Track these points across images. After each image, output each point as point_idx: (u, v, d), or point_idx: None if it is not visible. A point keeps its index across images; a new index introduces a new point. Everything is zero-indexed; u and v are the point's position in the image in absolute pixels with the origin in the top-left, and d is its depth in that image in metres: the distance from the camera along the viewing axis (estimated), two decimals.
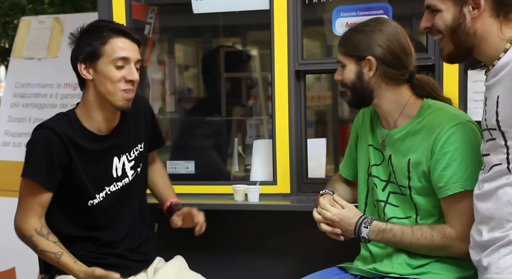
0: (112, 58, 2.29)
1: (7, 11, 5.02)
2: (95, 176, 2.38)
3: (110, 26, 2.35)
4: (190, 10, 3.03)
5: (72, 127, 2.34)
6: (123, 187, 2.45)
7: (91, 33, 2.32)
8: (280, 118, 2.88)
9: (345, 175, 2.51)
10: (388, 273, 2.20)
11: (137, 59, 2.34)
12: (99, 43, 2.29)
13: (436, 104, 2.21)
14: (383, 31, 2.16)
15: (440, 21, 1.93)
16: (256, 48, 5.58)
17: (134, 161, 2.49)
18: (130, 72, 2.31)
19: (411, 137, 2.19)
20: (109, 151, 2.41)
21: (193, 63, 5.60)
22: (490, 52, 1.90)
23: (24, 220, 2.34)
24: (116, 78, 2.29)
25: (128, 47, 2.32)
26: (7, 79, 4.37)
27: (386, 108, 2.22)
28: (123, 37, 2.32)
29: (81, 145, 2.33)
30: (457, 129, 2.09)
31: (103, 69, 2.30)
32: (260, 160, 3.06)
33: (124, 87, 2.31)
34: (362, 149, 2.37)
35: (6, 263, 4.13)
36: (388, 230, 2.17)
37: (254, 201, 2.80)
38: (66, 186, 2.34)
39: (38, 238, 2.31)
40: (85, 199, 2.37)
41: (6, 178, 4.19)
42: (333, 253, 2.49)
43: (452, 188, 2.07)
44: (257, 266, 2.93)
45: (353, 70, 2.19)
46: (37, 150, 2.30)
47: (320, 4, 2.92)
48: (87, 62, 2.31)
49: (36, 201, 2.32)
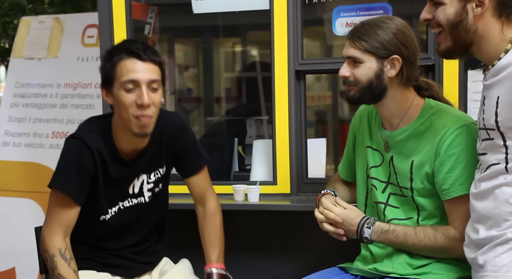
0: (121, 82, 2.16)
1: (7, 11, 5.02)
2: (113, 194, 2.32)
3: (119, 46, 2.22)
4: (190, 10, 3.03)
5: (104, 143, 2.25)
6: (138, 205, 2.38)
7: (106, 56, 2.23)
8: (280, 118, 2.88)
9: (343, 176, 2.51)
10: (388, 273, 2.20)
11: (149, 80, 2.16)
12: (110, 66, 2.19)
13: (438, 105, 2.19)
14: (404, 31, 2.12)
15: (441, 14, 1.91)
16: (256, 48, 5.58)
17: (153, 183, 2.39)
18: (140, 95, 2.15)
19: (414, 139, 2.17)
20: (131, 176, 2.34)
21: (193, 63, 5.60)
22: (490, 51, 1.89)
23: (50, 235, 2.23)
24: (127, 103, 2.16)
25: (137, 68, 2.15)
26: (7, 79, 4.38)
27: (392, 109, 2.19)
28: (133, 57, 2.16)
29: (108, 166, 2.26)
30: (462, 131, 2.08)
31: (116, 94, 2.19)
32: (260, 160, 3.06)
33: (136, 113, 2.16)
34: (360, 150, 2.36)
35: (6, 263, 4.14)
36: (391, 231, 2.16)
37: (254, 201, 2.80)
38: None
39: (60, 261, 2.21)
40: (98, 214, 2.32)
41: (6, 178, 4.19)
42: (333, 253, 2.49)
43: (458, 190, 2.06)
44: (257, 266, 2.93)
45: (373, 68, 2.11)
46: (70, 162, 2.23)
47: (320, 4, 2.92)
48: (106, 87, 2.23)
49: (64, 214, 2.24)
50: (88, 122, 2.34)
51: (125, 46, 2.21)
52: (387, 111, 2.20)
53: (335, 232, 2.24)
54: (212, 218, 2.48)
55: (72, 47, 4.12)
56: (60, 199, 2.23)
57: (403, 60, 2.10)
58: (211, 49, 4.99)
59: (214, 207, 2.49)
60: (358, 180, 2.37)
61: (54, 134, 4.13)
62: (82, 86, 4.11)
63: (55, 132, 4.13)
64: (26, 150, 4.17)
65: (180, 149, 2.42)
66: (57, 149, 4.08)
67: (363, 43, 2.10)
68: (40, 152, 4.13)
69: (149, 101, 2.15)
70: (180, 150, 2.42)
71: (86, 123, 2.33)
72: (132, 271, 2.43)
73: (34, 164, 4.14)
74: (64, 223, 2.24)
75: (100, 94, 3.29)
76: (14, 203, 4.12)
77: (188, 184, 2.49)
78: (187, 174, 2.47)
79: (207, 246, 2.45)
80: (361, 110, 2.40)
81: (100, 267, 2.38)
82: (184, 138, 2.42)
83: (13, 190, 4.16)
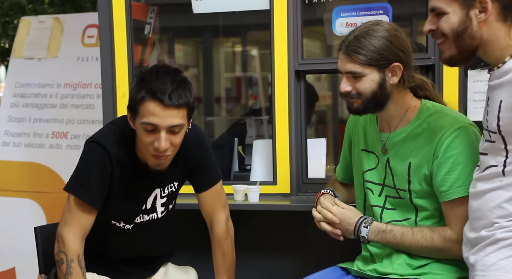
0: (141, 122, 2.10)
1: (7, 11, 5.02)
2: (124, 206, 2.28)
3: (148, 83, 2.09)
4: (190, 10, 3.03)
5: (124, 150, 2.21)
6: (149, 221, 2.35)
7: (137, 84, 2.13)
8: (280, 118, 2.88)
9: (340, 178, 2.51)
10: (388, 274, 2.20)
11: (168, 125, 2.08)
12: (136, 101, 2.10)
13: (435, 107, 2.19)
14: (397, 35, 2.10)
15: (445, 24, 1.89)
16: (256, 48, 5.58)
17: (167, 197, 2.35)
18: (157, 140, 2.09)
19: (411, 141, 2.17)
20: (147, 190, 2.31)
21: (193, 63, 5.60)
22: (495, 54, 1.87)
23: (71, 236, 2.17)
24: (146, 142, 2.12)
25: (159, 113, 2.06)
26: (7, 79, 4.38)
27: (393, 112, 2.18)
28: (156, 101, 2.06)
29: (125, 174, 2.22)
30: (460, 133, 2.07)
31: (137, 127, 2.14)
32: (260, 160, 3.06)
33: (153, 152, 2.13)
34: (356, 154, 2.36)
35: (6, 263, 4.14)
36: (388, 231, 2.16)
37: (254, 201, 2.80)
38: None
39: (77, 268, 2.16)
40: (108, 219, 2.29)
41: (6, 178, 4.19)
42: (333, 253, 2.49)
43: (456, 192, 2.06)
44: (257, 266, 2.93)
45: (375, 79, 2.09)
46: (89, 169, 2.19)
47: (320, 4, 2.92)
48: (130, 112, 2.16)
49: (85, 216, 2.19)
50: (112, 126, 2.29)
51: (153, 85, 2.08)
52: (386, 115, 2.20)
53: (333, 231, 2.23)
54: (218, 245, 2.41)
55: (72, 47, 4.12)
56: (80, 202, 2.20)
57: (403, 65, 2.10)
58: (211, 49, 5.00)
59: (221, 232, 2.41)
60: (356, 183, 2.37)
61: (54, 134, 4.13)
62: (82, 86, 4.11)
63: (55, 132, 4.13)
64: (26, 150, 4.17)
65: (193, 163, 2.35)
66: (57, 148, 4.08)
67: (361, 57, 2.07)
68: (40, 152, 4.13)
69: (166, 147, 2.11)
70: (192, 164, 2.35)
71: (110, 127, 2.28)
72: (132, 276, 2.42)
73: (34, 164, 4.14)
74: (85, 225, 2.20)
75: (100, 94, 3.30)
76: (14, 203, 4.12)
77: (198, 200, 2.45)
78: (196, 190, 2.43)
79: (216, 271, 2.42)
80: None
81: (100, 270, 2.37)
82: (197, 153, 2.35)
83: (13, 190, 4.16)
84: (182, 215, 2.64)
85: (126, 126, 2.22)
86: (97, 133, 2.26)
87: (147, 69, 2.18)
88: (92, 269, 2.34)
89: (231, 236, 2.43)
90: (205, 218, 2.45)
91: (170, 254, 2.54)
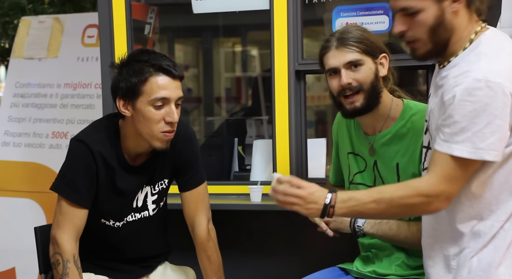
0: (150, 99, 2.12)
1: (7, 11, 5.02)
2: (114, 204, 2.28)
3: (151, 61, 2.14)
4: (190, 10, 3.03)
5: (108, 147, 2.21)
6: (141, 219, 2.35)
7: (131, 68, 2.15)
8: (280, 118, 2.88)
9: (333, 182, 2.52)
10: (387, 275, 2.20)
11: (177, 97, 2.16)
12: (138, 81, 2.12)
13: (417, 106, 2.20)
14: (368, 31, 2.17)
15: (420, 22, 1.79)
16: (256, 48, 5.59)
17: (157, 195, 2.35)
18: (170, 113, 2.14)
19: (397, 142, 2.18)
20: (136, 187, 2.30)
21: (193, 63, 5.61)
22: (456, 46, 1.81)
23: (65, 237, 2.18)
24: (155, 120, 2.14)
25: (169, 86, 2.13)
26: (7, 79, 4.38)
27: (379, 112, 2.18)
28: (164, 74, 2.13)
29: (110, 171, 2.22)
30: None
31: (141, 109, 2.14)
32: (260, 160, 3.06)
33: (163, 129, 2.15)
34: (343, 157, 2.36)
35: (6, 263, 4.14)
36: (385, 222, 2.16)
37: (257, 201, 2.80)
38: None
39: (73, 269, 2.16)
40: (98, 218, 2.29)
41: (6, 178, 4.19)
42: (333, 253, 2.49)
43: None
44: (257, 266, 2.93)
45: (372, 68, 2.12)
46: (74, 168, 2.20)
47: (320, 4, 2.93)
48: (126, 99, 2.16)
49: (77, 215, 2.20)
50: (97, 124, 2.30)
51: (156, 61, 2.14)
52: (373, 117, 2.19)
53: (319, 224, 2.23)
54: (202, 249, 2.39)
55: (72, 47, 4.12)
56: (70, 203, 2.20)
57: (388, 58, 2.15)
58: (211, 49, 5.00)
59: (203, 234, 2.38)
60: (346, 187, 2.37)
61: (54, 134, 4.13)
62: (82, 86, 4.11)
63: (55, 132, 4.13)
64: (26, 150, 4.17)
65: (180, 161, 2.36)
66: (57, 148, 4.08)
67: (359, 45, 2.11)
68: (40, 152, 4.13)
69: (178, 118, 2.16)
70: (179, 162, 2.36)
71: (94, 124, 2.30)
72: (131, 274, 2.42)
73: (34, 164, 4.14)
74: (78, 225, 2.21)
75: (100, 94, 3.30)
76: (14, 203, 4.12)
77: (181, 200, 2.44)
78: (180, 188, 2.42)
79: (204, 276, 2.42)
80: (339, 118, 2.39)
81: (97, 270, 2.37)
82: (185, 151, 2.35)
83: (13, 190, 4.16)
84: (180, 215, 2.64)
85: (109, 124, 2.26)
86: (80, 132, 2.28)
87: (128, 55, 2.25)
88: (89, 268, 2.34)
89: (213, 238, 2.41)
90: (187, 220, 2.43)
91: (167, 253, 2.54)
